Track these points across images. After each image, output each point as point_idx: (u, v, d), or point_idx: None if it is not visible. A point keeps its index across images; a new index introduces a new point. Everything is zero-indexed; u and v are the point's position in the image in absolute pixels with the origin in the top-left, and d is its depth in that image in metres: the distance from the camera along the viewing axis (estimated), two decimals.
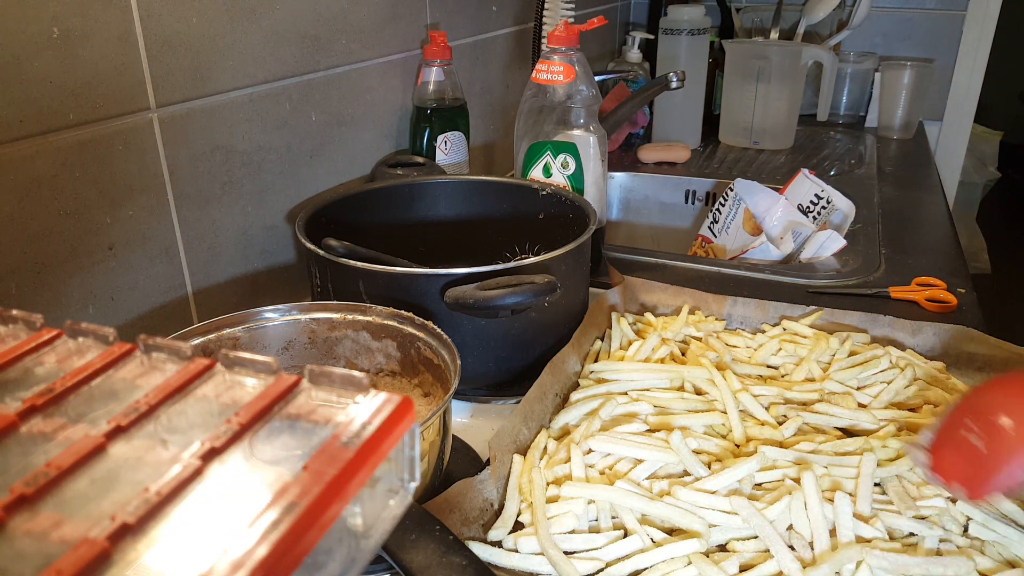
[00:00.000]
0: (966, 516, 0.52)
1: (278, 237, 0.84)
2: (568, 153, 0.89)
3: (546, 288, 0.62)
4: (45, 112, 0.58)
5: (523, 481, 0.56)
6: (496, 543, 0.52)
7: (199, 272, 0.74)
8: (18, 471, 0.23)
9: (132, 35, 0.64)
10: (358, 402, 0.26)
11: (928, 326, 0.74)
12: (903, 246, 1.02)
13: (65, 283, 0.62)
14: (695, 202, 1.36)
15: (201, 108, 0.71)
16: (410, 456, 0.27)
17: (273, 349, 0.62)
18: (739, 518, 0.51)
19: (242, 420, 0.25)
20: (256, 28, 0.76)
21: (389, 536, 0.27)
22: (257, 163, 0.79)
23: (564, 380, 0.68)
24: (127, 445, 0.24)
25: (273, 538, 0.20)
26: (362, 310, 0.62)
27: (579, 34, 0.88)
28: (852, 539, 0.50)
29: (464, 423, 0.68)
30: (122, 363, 0.28)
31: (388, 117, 0.99)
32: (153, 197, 0.68)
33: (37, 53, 0.57)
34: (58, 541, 0.20)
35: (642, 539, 0.51)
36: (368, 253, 0.71)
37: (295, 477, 0.23)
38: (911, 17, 1.77)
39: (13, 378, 0.27)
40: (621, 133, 1.50)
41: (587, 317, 0.74)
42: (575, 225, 0.78)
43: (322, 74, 0.86)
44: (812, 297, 0.87)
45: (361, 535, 0.26)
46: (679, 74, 1.08)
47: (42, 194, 0.59)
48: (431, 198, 0.88)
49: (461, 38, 1.13)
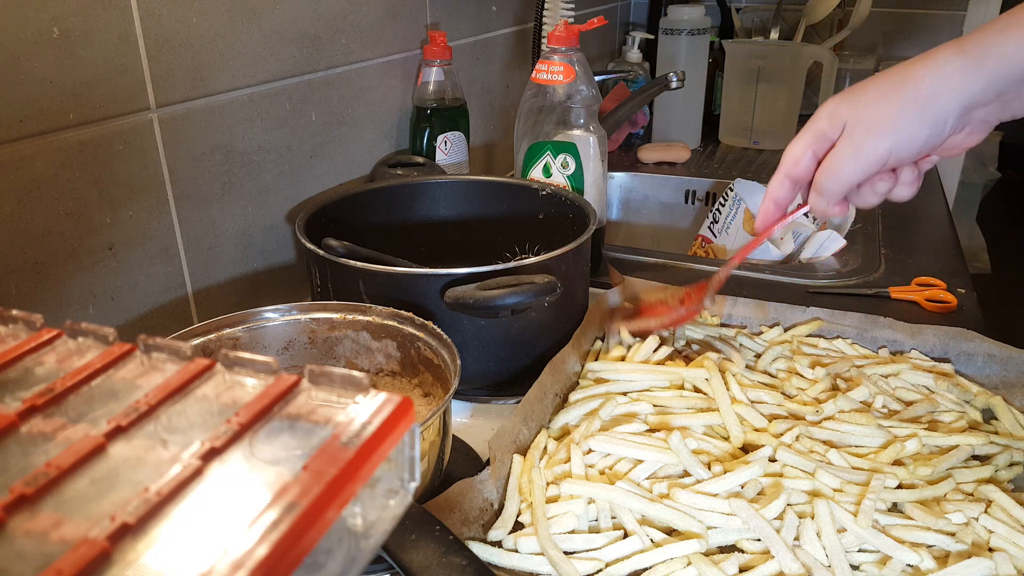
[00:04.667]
0: (988, 530, 0.51)
1: (278, 237, 0.84)
2: (568, 153, 0.89)
3: (546, 288, 0.62)
4: (45, 112, 0.58)
5: (523, 481, 0.56)
6: (496, 543, 0.52)
7: (199, 272, 0.74)
8: (18, 471, 0.23)
9: (132, 35, 0.64)
10: (358, 402, 0.26)
11: (928, 328, 0.74)
12: (903, 246, 1.02)
13: (65, 283, 0.62)
14: (695, 202, 1.36)
15: (201, 108, 0.71)
16: (410, 456, 0.27)
17: (273, 349, 0.62)
18: (739, 520, 0.51)
19: (242, 420, 0.25)
20: (256, 28, 0.76)
21: (389, 536, 0.27)
22: (257, 163, 0.79)
23: (564, 380, 0.68)
24: (127, 445, 0.24)
25: (273, 538, 0.20)
26: (362, 310, 0.62)
27: (579, 34, 0.88)
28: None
29: (464, 423, 0.68)
30: (122, 363, 0.28)
31: (388, 117, 0.99)
32: (153, 197, 0.68)
33: (37, 53, 0.57)
34: (58, 541, 0.20)
35: (642, 540, 0.51)
36: (368, 253, 0.71)
37: (295, 477, 0.23)
38: (911, 17, 1.77)
39: (13, 378, 0.27)
40: (621, 133, 1.50)
41: (587, 317, 0.74)
42: (575, 225, 0.78)
43: (322, 74, 0.86)
44: (812, 297, 0.87)
45: (361, 535, 0.26)
46: (679, 74, 1.08)
47: (42, 194, 0.59)
48: (431, 198, 0.88)
49: (461, 38, 1.13)
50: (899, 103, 0.54)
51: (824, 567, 0.49)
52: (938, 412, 0.64)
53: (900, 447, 0.58)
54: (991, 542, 0.51)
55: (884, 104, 0.54)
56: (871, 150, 0.55)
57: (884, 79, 0.55)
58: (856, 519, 0.51)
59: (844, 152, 0.56)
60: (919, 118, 0.53)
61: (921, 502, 0.54)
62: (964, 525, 0.51)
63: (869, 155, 0.55)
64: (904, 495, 0.54)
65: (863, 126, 0.55)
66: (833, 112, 0.56)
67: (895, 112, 0.54)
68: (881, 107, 0.54)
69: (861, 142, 0.55)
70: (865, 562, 0.50)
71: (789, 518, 0.52)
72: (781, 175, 0.61)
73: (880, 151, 0.54)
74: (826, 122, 0.57)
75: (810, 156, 0.58)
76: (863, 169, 0.56)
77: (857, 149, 0.55)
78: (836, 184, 0.57)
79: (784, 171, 0.60)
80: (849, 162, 0.56)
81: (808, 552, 0.50)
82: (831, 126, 0.57)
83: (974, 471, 0.57)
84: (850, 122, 0.55)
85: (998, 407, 0.64)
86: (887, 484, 0.54)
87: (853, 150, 0.55)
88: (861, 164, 0.55)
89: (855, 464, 0.57)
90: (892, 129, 0.54)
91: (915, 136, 0.54)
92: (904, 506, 0.54)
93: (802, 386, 0.66)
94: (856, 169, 0.56)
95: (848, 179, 0.56)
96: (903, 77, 0.54)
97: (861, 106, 0.55)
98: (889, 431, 0.60)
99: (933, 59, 0.53)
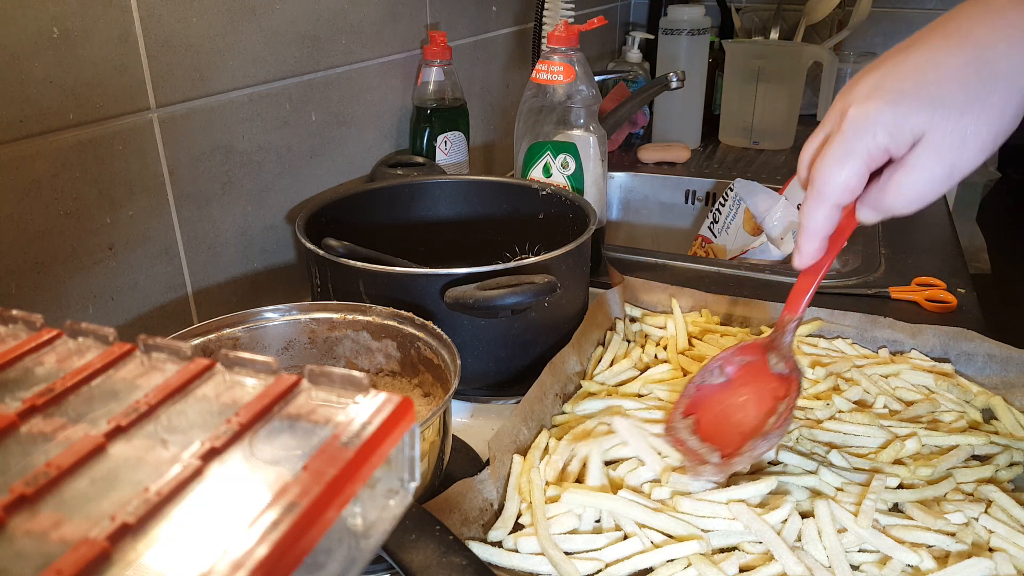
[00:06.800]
0: (989, 530, 0.51)
1: (278, 237, 0.84)
2: (568, 153, 0.89)
3: (546, 288, 0.62)
4: (45, 112, 0.58)
5: (523, 481, 0.56)
6: (496, 543, 0.52)
7: (199, 272, 0.74)
8: (18, 471, 0.23)
9: (132, 35, 0.64)
10: (358, 402, 0.26)
11: (928, 328, 0.74)
12: (903, 246, 1.02)
13: (65, 283, 0.62)
14: (695, 202, 1.36)
15: (201, 108, 0.71)
16: (410, 456, 0.27)
17: (273, 349, 0.62)
18: (740, 524, 0.51)
19: (242, 420, 0.25)
20: (256, 28, 0.76)
21: (389, 536, 0.27)
22: (257, 163, 0.79)
23: (564, 380, 0.67)
24: (127, 445, 0.24)
25: (273, 538, 0.20)
26: (362, 310, 0.62)
27: (579, 34, 0.88)
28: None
29: (464, 423, 0.68)
30: (122, 363, 0.28)
31: (388, 117, 0.99)
32: (153, 197, 0.68)
33: (37, 53, 0.57)
34: (58, 541, 0.20)
35: (642, 540, 0.51)
36: (368, 253, 0.71)
37: (295, 477, 0.23)
38: (911, 17, 1.77)
39: (13, 378, 0.27)
40: (621, 133, 1.50)
41: (587, 317, 0.74)
42: (575, 225, 0.78)
43: (322, 74, 0.86)
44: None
45: (361, 535, 0.26)
46: (679, 74, 1.08)
47: (42, 194, 0.59)
48: (431, 198, 0.88)
49: (461, 38, 1.13)
50: (997, 105, 0.43)
51: (824, 568, 0.49)
52: (938, 412, 0.64)
53: (900, 446, 0.58)
54: (991, 542, 0.51)
55: (979, 109, 0.43)
56: (968, 166, 0.44)
57: (953, 67, 0.43)
58: (856, 519, 0.51)
59: (930, 171, 0.44)
60: (1016, 114, 0.43)
61: (921, 502, 0.54)
62: (964, 525, 0.51)
63: (965, 171, 0.44)
64: (904, 495, 0.54)
65: (955, 138, 0.43)
66: (899, 124, 0.44)
67: (995, 117, 0.43)
68: (976, 114, 0.43)
69: (958, 159, 0.44)
70: (865, 562, 0.50)
71: (792, 518, 0.51)
72: (829, 205, 0.48)
73: (977, 163, 0.44)
74: (886, 137, 0.45)
75: (866, 179, 0.47)
76: (953, 184, 0.45)
77: (951, 168, 0.44)
78: (912, 205, 0.47)
79: (833, 201, 0.48)
80: (938, 182, 0.45)
81: (809, 553, 0.50)
82: (896, 141, 0.45)
83: (974, 471, 0.57)
84: (933, 136, 0.44)
85: (998, 407, 0.64)
86: (888, 484, 0.54)
87: (947, 169, 0.44)
88: (954, 180, 0.45)
89: (856, 464, 0.57)
90: (994, 137, 0.43)
91: (1009, 132, 0.43)
92: (904, 506, 0.54)
93: (803, 385, 0.66)
94: (945, 187, 0.45)
95: (933, 198, 0.46)
96: (985, 65, 0.42)
97: (945, 115, 0.43)
98: (890, 431, 0.60)
99: (1017, 32, 0.42)
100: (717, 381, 0.58)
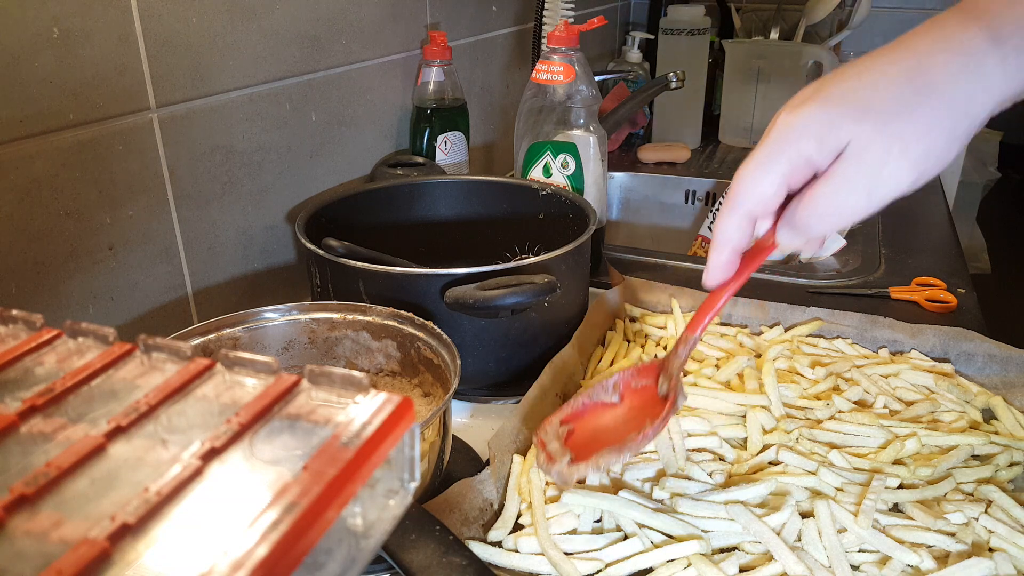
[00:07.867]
0: (988, 531, 0.51)
1: (278, 237, 0.84)
2: (568, 153, 0.89)
3: (546, 288, 0.62)
4: (45, 112, 0.58)
5: (523, 481, 0.56)
6: (496, 543, 0.52)
7: (199, 272, 0.74)
8: (18, 471, 0.23)
9: (132, 35, 0.64)
10: (358, 402, 0.26)
11: (928, 328, 0.74)
12: (903, 246, 1.02)
13: (65, 283, 0.62)
14: (695, 202, 1.36)
15: (201, 108, 0.71)
16: (410, 456, 0.27)
17: (273, 349, 0.62)
18: (738, 526, 0.51)
19: (242, 420, 0.25)
20: (256, 28, 0.76)
21: (389, 536, 0.27)
22: (257, 163, 0.79)
23: (564, 380, 0.67)
24: (127, 445, 0.24)
25: (273, 538, 0.20)
26: (362, 310, 0.62)
27: (579, 34, 0.88)
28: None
29: (464, 423, 0.68)
30: (122, 363, 0.28)
31: (388, 117, 0.99)
32: (153, 197, 0.68)
33: (37, 53, 0.57)
34: (58, 541, 0.20)
35: (642, 541, 0.51)
36: (368, 253, 0.71)
37: (295, 477, 0.23)
38: (911, 17, 1.77)
39: (13, 378, 0.27)
40: (621, 133, 1.50)
41: (587, 317, 0.74)
42: (575, 225, 0.78)
43: (322, 74, 0.86)
44: (812, 297, 0.87)
45: (361, 535, 0.26)
46: (679, 74, 1.08)
47: (42, 194, 0.59)
48: (431, 198, 0.88)
49: (461, 38, 1.13)
50: (927, 116, 0.41)
51: (824, 568, 0.49)
52: (938, 412, 0.64)
53: (900, 446, 0.58)
54: (991, 542, 0.51)
55: (907, 119, 0.41)
56: (892, 183, 0.42)
57: (889, 75, 0.42)
58: (856, 519, 0.51)
59: (850, 184, 0.42)
60: (950, 135, 0.41)
61: (921, 502, 0.54)
62: (964, 525, 0.51)
63: (888, 190, 0.42)
64: (904, 495, 0.54)
65: (879, 149, 0.41)
66: (827, 130, 0.42)
67: (923, 130, 0.41)
68: (904, 123, 0.41)
69: (879, 173, 0.41)
70: (865, 562, 0.50)
71: (792, 519, 0.51)
72: (741, 215, 0.46)
73: (903, 184, 0.42)
74: (814, 144, 0.42)
75: (784, 190, 0.45)
76: (875, 206, 0.42)
77: (873, 182, 0.42)
78: (827, 224, 0.44)
79: (746, 210, 0.46)
80: (858, 198, 0.42)
81: (809, 553, 0.50)
82: (822, 150, 0.42)
83: (974, 471, 0.57)
84: (856, 144, 0.41)
85: (998, 407, 0.64)
86: (888, 484, 0.54)
87: (867, 183, 0.42)
88: (875, 200, 0.42)
89: (856, 464, 0.57)
90: (923, 154, 0.41)
91: (943, 159, 0.41)
92: (904, 506, 0.54)
93: (803, 386, 0.66)
94: (866, 206, 0.42)
95: (851, 218, 0.43)
96: (920, 74, 0.41)
97: (872, 122, 0.41)
98: (890, 431, 0.60)
99: (957, 46, 0.41)
100: (606, 400, 0.57)
